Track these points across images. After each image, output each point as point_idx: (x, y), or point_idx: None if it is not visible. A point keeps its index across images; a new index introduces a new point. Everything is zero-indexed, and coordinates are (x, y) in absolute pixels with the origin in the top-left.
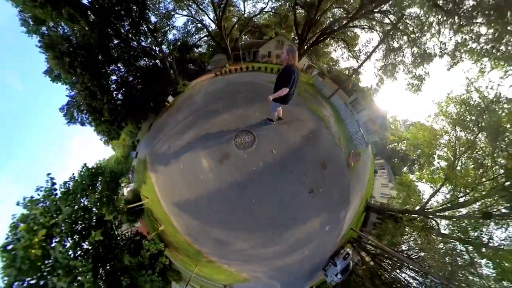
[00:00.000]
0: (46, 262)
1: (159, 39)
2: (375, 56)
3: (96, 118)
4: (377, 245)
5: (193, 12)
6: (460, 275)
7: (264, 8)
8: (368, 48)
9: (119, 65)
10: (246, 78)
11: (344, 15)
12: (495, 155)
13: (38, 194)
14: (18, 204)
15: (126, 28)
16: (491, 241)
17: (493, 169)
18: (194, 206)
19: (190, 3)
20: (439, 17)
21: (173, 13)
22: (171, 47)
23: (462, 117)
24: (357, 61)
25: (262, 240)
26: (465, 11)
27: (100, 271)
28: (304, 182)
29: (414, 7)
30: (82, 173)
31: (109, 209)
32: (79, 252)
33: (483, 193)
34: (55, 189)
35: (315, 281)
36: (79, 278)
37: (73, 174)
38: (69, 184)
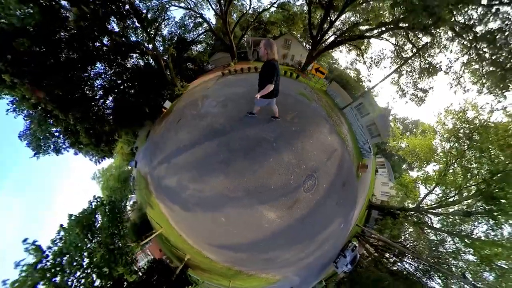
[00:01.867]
0: None
1: (152, 34)
2: (384, 63)
3: (74, 142)
4: (378, 237)
5: (192, 5)
6: (446, 260)
7: (274, 2)
8: (381, 56)
9: (100, 65)
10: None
11: (363, 22)
12: (479, 165)
13: (22, 270)
14: None
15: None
16: (473, 233)
17: (478, 176)
18: (247, 245)
19: None
20: (450, 34)
21: (167, 5)
22: (167, 43)
23: (456, 130)
24: (368, 68)
25: (303, 247)
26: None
27: None
28: (334, 200)
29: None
30: (70, 227)
31: (126, 266)
32: None
33: (470, 194)
34: (44, 252)
35: (325, 274)
36: None
37: (61, 225)
38: (57, 241)
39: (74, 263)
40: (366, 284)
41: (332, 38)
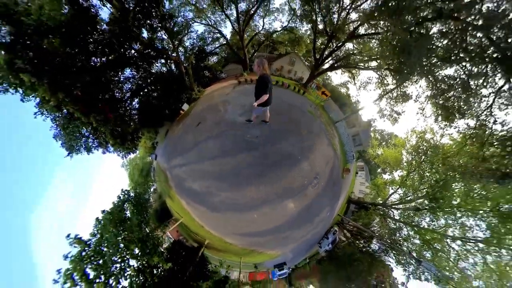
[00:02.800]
0: None
1: (176, 44)
2: (369, 87)
3: (102, 142)
4: (354, 225)
5: (212, 22)
6: (400, 242)
7: (285, 26)
8: (368, 81)
9: (129, 70)
10: (276, 94)
11: (358, 54)
12: (430, 174)
13: (71, 260)
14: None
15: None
16: (420, 224)
17: (428, 182)
18: (270, 230)
19: (209, 15)
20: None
21: (191, 22)
22: (188, 53)
23: (418, 146)
24: (357, 89)
25: (307, 227)
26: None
27: None
28: (326, 194)
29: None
30: (105, 225)
31: (160, 255)
32: None
33: (422, 195)
34: (86, 242)
35: (309, 253)
36: None
37: (97, 218)
38: (95, 233)
39: (112, 251)
40: (342, 258)
41: (331, 62)
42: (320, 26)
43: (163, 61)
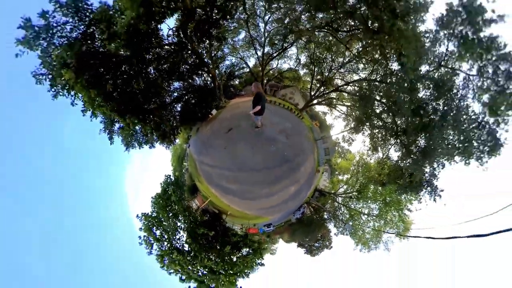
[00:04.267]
0: None
1: (214, 67)
2: (339, 119)
3: (148, 140)
4: (316, 204)
5: (241, 56)
6: (339, 215)
7: (291, 68)
8: (340, 114)
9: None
10: (281, 113)
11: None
12: (362, 179)
13: (143, 230)
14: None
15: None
16: (351, 206)
17: (359, 183)
18: (280, 203)
19: (241, 52)
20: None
21: (226, 56)
22: (221, 74)
23: (359, 161)
24: (332, 118)
25: (293, 203)
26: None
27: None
28: (306, 184)
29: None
30: (156, 204)
31: (203, 226)
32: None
33: (355, 190)
34: (148, 214)
35: (286, 219)
36: None
37: (152, 199)
38: (154, 209)
39: (166, 221)
40: (306, 223)
41: (320, 99)
42: (315, 74)
43: (202, 77)
